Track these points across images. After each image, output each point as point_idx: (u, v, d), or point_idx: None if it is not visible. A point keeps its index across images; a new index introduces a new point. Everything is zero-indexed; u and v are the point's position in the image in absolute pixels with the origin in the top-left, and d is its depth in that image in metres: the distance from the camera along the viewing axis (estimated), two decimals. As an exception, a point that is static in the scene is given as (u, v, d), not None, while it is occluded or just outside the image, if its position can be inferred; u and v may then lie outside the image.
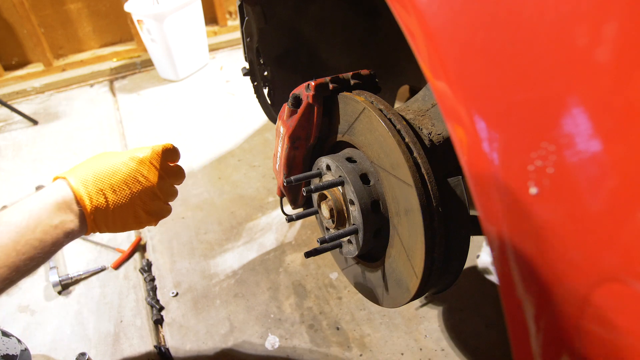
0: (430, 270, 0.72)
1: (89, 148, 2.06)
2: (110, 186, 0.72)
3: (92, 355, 1.15)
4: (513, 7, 0.34)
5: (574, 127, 0.31)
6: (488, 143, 0.36)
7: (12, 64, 2.71)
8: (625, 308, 0.30)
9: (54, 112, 2.41)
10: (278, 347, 1.14)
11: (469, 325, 1.15)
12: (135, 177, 0.74)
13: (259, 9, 1.19)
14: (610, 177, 0.29)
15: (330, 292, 1.27)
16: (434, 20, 0.40)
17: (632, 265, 0.29)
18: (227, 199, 1.66)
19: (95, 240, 1.53)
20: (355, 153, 0.85)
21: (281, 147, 0.97)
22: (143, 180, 0.75)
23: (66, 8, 2.64)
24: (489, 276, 1.11)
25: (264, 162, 1.84)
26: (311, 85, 0.83)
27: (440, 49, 0.39)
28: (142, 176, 0.74)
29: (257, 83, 1.37)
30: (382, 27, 1.41)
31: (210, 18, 2.98)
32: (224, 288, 1.31)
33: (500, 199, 0.35)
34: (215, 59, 2.82)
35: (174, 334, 1.20)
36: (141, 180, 0.74)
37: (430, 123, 0.77)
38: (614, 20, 0.30)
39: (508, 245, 0.35)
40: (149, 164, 0.76)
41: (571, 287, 0.32)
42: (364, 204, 0.79)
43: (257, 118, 2.14)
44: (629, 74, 0.29)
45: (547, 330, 0.34)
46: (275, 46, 1.30)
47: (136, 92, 2.53)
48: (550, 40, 0.32)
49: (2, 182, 1.88)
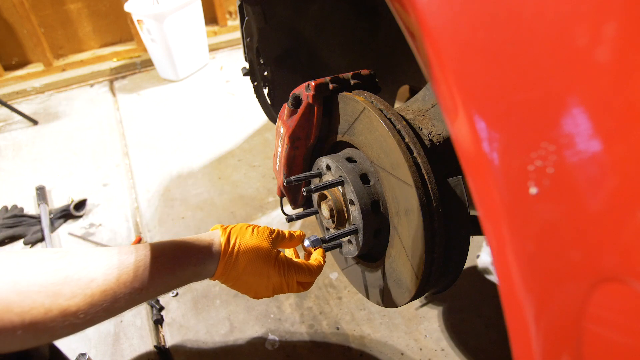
0: (430, 270, 0.72)
1: (89, 148, 2.06)
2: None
3: (92, 355, 1.15)
4: (513, 7, 0.34)
5: (574, 127, 0.31)
6: (488, 143, 0.36)
7: (12, 64, 2.71)
8: (625, 308, 0.30)
9: (54, 112, 2.41)
10: (278, 347, 1.14)
11: (469, 325, 1.15)
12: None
13: (259, 9, 1.19)
14: (610, 177, 0.29)
15: (330, 292, 1.27)
16: (434, 20, 0.40)
17: (632, 265, 0.29)
18: (227, 199, 1.66)
19: (96, 240, 1.53)
20: (355, 153, 0.85)
21: (281, 147, 0.97)
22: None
23: (66, 8, 2.64)
24: (489, 276, 1.11)
25: (264, 162, 1.84)
26: (311, 85, 0.83)
27: (440, 49, 0.39)
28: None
29: (257, 83, 1.37)
30: (382, 27, 1.41)
31: (210, 18, 2.98)
32: (224, 288, 1.31)
33: (500, 199, 0.35)
34: (215, 59, 2.82)
35: (174, 334, 1.20)
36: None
37: (430, 123, 0.77)
38: (614, 20, 0.30)
39: (508, 245, 0.35)
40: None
41: (571, 287, 0.32)
42: (364, 204, 0.79)
43: (257, 118, 2.14)
44: (629, 74, 0.29)
45: (547, 330, 0.34)
46: (275, 46, 1.30)
47: (136, 92, 2.53)
48: (551, 40, 0.32)
49: (2, 182, 1.88)
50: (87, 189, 1.78)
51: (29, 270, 0.57)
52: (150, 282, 0.67)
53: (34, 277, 0.56)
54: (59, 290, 0.57)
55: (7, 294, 0.53)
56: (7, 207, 1.68)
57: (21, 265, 0.58)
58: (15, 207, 1.67)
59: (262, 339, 1.16)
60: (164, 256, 0.69)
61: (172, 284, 0.71)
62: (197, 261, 0.72)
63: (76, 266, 0.61)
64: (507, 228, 0.35)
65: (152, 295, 0.68)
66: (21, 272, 0.57)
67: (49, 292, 0.56)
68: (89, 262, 0.63)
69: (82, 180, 1.84)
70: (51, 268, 0.59)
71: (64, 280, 0.58)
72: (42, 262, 0.59)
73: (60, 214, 1.61)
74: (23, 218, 1.60)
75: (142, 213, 1.64)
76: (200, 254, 0.73)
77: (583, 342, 0.32)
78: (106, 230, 1.58)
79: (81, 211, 1.64)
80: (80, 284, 0.59)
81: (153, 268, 0.67)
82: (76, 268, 0.61)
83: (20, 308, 0.53)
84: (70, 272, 0.59)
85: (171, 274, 0.70)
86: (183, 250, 0.72)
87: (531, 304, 0.34)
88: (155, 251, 0.69)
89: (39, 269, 0.58)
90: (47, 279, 0.57)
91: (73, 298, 0.58)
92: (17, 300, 0.53)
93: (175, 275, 0.70)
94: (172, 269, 0.70)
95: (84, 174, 1.88)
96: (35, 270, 0.58)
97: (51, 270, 0.58)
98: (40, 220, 1.57)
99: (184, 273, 0.71)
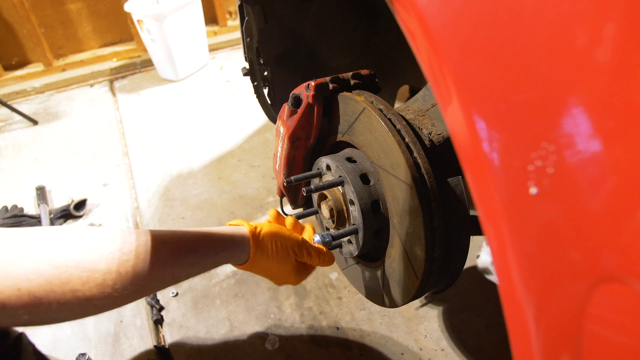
0: (430, 270, 0.72)
1: (89, 148, 2.06)
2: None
3: (92, 355, 1.15)
4: (513, 7, 0.34)
5: (574, 127, 0.31)
6: (488, 143, 0.36)
7: (12, 64, 2.71)
8: (625, 308, 0.30)
9: (54, 112, 2.41)
10: (278, 347, 1.14)
11: (469, 325, 1.15)
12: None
13: (259, 9, 1.19)
14: (610, 177, 0.29)
15: (330, 292, 1.27)
16: (434, 20, 0.40)
17: (632, 265, 0.29)
18: (227, 199, 1.66)
19: (95, 240, 1.53)
20: (355, 153, 0.85)
21: (281, 147, 0.97)
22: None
23: (66, 8, 2.64)
24: (489, 276, 1.11)
25: (264, 162, 1.84)
26: (311, 85, 0.83)
27: (440, 49, 0.39)
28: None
29: (257, 83, 1.37)
30: (382, 27, 1.41)
31: (210, 18, 2.98)
32: (224, 288, 1.31)
33: (500, 199, 0.35)
34: (215, 59, 2.82)
35: (174, 334, 1.20)
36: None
37: (430, 123, 0.77)
38: (614, 20, 0.30)
39: (508, 245, 0.35)
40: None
41: (571, 287, 0.32)
42: (364, 204, 0.79)
43: (257, 118, 2.14)
44: (629, 74, 0.29)
45: (547, 330, 0.34)
46: (275, 46, 1.30)
47: (136, 92, 2.53)
48: (551, 40, 0.32)
49: (2, 182, 1.88)
50: (87, 189, 1.78)
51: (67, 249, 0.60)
52: (192, 260, 0.72)
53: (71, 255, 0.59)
54: (95, 266, 0.59)
55: (47, 268, 0.55)
56: (7, 207, 1.68)
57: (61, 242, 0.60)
58: (15, 207, 1.67)
59: (262, 338, 1.16)
60: (207, 239, 0.76)
61: (209, 266, 0.77)
62: (232, 243, 0.78)
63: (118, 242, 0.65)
64: (507, 228, 0.35)
65: (187, 276, 0.74)
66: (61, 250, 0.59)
67: (85, 268, 0.58)
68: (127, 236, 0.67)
69: (82, 180, 1.84)
70: (88, 247, 0.61)
71: (101, 257, 0.61)
72: (80, 242, 0.61)
73: (60, 214, 1.61)
74: (23, 218, 1.60)
75: (142, 213, 1.64)
76: (233, 239, 0.79)
77: (583, 342, 0.32)
78: (106, 230, 1.57)
79: (81, 211, 1.64)
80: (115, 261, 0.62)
81: (202, 244, 0.74)
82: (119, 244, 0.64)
83: (58, 279, 0.56)
84: (107, 251, 0.62)
85: (213, 255, 0.75)
86: (217, 237, 0.77)
87: (531, 304, 0.34)
88: (198, 235, 0.75)
89: (77, 247, 0.60)
90: (84, 257, 0.59)
91: (109, 274, 0.60)
92: (56, 273, 0.55)
93: (214, 257, 0.76)
94: (214, 251, 0.76)
95: (84, 174, 1.88)
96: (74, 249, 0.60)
97: (88, 249, 0.61)
98: (40, 220, 1.57)
99: (218, 256, 0.77)
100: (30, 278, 0.53)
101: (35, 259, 0.55)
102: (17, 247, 0.56)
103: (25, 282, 0.53)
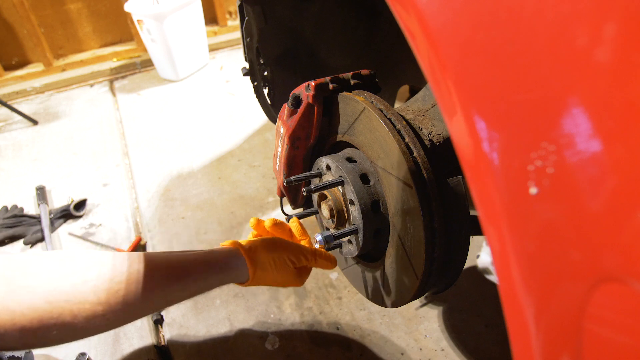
0: (430, 270, 0.72)
1: (89, 148, 2.06)
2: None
3: (92, 355, 1.15)
4: (513, 7, 0.34)
5: (574, 127, 0.31)
6: (488, 143, 0.35)
7: (12, 64, 2.71)
8: (625, 308, 0.30)
9: (54, 112, 2.41)
10: (278, 347, 1.14)
11: (469, 325, 1.15)
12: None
13: (259, 9, 1.19)
14: (610, 177, 0.29)
15: (330, 292, 1.27)
16: (434, 20, 0.40)
17: (632, 265, 0.29)
18: (227, 199, 1.66)
19: (96, 240, 1.53)
20: (355, 153, 0.85)
21: (281, 147, 0.97)
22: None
23: (66, 8, 2.64)
24: (489, 276, 1.11)
25: (264, 162, 1.84)
26: (311, 85, 0.83)
27: (440, 49, 0.39)
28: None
29: (257, 83, 1.37)
30: (382, 27, 1.41)
31: (210, 18, 2.98)
32: (224, 288, 1.31)
33: (500, 199, 0.35)
34: (215, 59, 2.82)
35: (174, 333, 1.20)
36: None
37: (430, 123, 0.77)
38: (614, 20, 0.30)
39: (508, 245, 0.35)
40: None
41: (571, 287, 0.32)
42: (364, 204, 0.79)
43: (257, 118, 2.14)
44: (629, 74, 0.29)
45: (547, 330, 0.34)
46: (275, 46, 1.30)
47: (136, 92, 2.53)
48: (551, 40, 0.32)
49: (2, 182, 1.88)
50: (87, 189, 1.78)
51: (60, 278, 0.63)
52: (185, 285, 0.75)
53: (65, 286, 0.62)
54: (85, 298, 0.62)
55: (40, 303, 0.59)
56: (7, 207, 1.68)
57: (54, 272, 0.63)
58: (15, 207, 1.67)
59: (262, 338, 1.16)
60: (201, 264, 0.78)
61: (202, 290, 0.79)
62: (226, 266, 0.80)
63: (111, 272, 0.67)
64: (507, 228, 0.35)
65: (179, 300, 0.77)
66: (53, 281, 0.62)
67: (75, 301, 0.61)
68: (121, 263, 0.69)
69: (82, 180, 1.84)
70: (79, 279, 0.63)
71: (92, 289, 0.63)
72: (73, 272, 0.64)
73: (60, 214, 1.61)
74: (23, 218, 1.60)
75: (142, 213, 1.64)
76: (227, 262, 0.81)
77: (583, 342, 0.32)
78: (106, 230, 1.57)
79: (81, 211, 1.64)
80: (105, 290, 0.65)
81: (195, 269, 0.76)
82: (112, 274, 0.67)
83: (50, 314, 0.59)
84: (98, 282, 0.65)
85: (204, 279, 0.78)
86: (211, 260, 0.80)
87: (531, 304, 0.34)
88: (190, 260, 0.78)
89: (67, 279, 0.63)
90: (75, 289, 0.62)
91: (99, 305, 0.63)
92: (49, 309, 0.59)
93: (206, 281, 0.78)
94: (207, 274, 0.78)
95: (84, 174, 1.88)
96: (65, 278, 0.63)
97: (79, 282, 0.63)
98: (40, 220, 1.57)
99: (214, 278, 0.79)
100: (25, 313, 0.57)
101: (31, 293, 0.59)
102: (15, 280, 0.59)
103: (19, 316, 0.57)
